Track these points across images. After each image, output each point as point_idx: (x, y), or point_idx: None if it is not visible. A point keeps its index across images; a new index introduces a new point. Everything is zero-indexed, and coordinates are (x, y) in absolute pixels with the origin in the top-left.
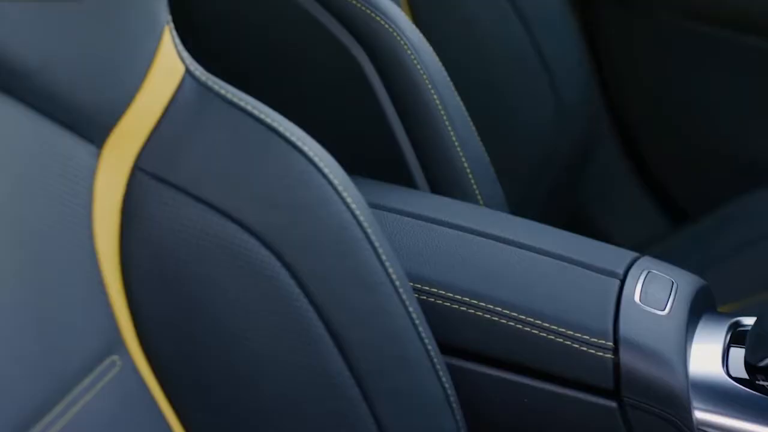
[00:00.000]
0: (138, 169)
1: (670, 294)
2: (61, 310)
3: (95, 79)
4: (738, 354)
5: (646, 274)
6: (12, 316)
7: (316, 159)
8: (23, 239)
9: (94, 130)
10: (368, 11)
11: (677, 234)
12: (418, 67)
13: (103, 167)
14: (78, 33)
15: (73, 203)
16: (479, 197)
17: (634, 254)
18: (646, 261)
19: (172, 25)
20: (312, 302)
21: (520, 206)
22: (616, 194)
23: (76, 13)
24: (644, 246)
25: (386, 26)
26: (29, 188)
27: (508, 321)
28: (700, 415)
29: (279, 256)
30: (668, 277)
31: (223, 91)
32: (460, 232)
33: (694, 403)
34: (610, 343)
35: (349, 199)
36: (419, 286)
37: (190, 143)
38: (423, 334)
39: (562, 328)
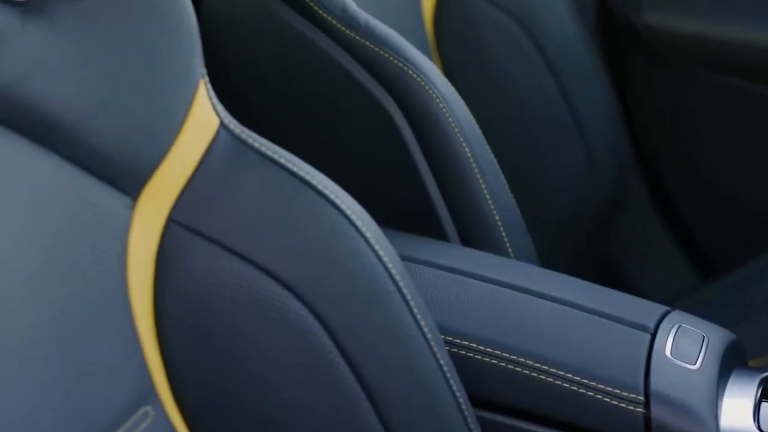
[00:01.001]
0: (172, 221)
1: (701, 348)
2: (95, 360)
3: (131, 132)
4: None
5: (677, 328)
6: (47, 365)
7: (348, 212)
8: (58, 289)
9: (130, 182)
10: (400, 64)
11: (707, 287)
12: (450, 119)
13: (137, 219)
14: (115, 86)
15: (107, 255)
16: (510, 250)
17: (665, 308)
18: (676, 315)
19: (207, 78)
20: (343, 354)
21: (550, 258)
22: (646, 246)
23: (113, 66)
24: (674, 298)
25: (418, 79)
26: (65, 239)
27: (539, 374)
28: None
29: (311, 308)
30: (699, 331)
31: (257, 144)
32: (492, 285)
33: None
34: (641, 397)
35: (381, 252)
36: (450, 338)
37: (224, 196)
38: (454, 387)
39: (593, 381)
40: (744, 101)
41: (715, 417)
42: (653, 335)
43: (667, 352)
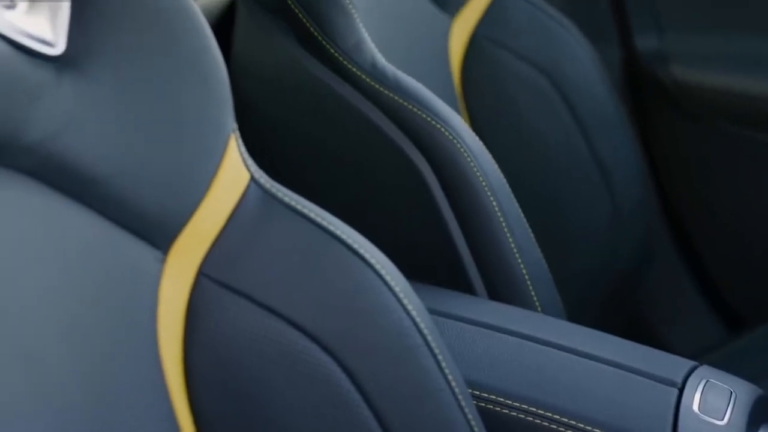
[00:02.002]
0: (202, 274)
1: (728, 404)
2: (124, 412)
3: (163, 186)
4: None
5: (705, 384)
6: (77, 417)
7: (377, 266)
8: (89, 342)
9: (161, 235)
10: (428, 117)
11: (735, 342)
12: (477, 173)
13: (168, 272)
14: (147, 141)
15: (138, 308)
16: (537, 304)
17: (693, 363)
18: (704, 370)
19: (237, 133)
20: (371, 407)
21: (577, 311)
22: (673, 300)
23: (146, 120)
24: (701, 353)
25: (446, 133)
26: (96, 292)
27: (566, 429)
28: None
29: (339, 362)
30: (727, 386)
31: (286, 199)
32: (519, 339)
33: None
34: None
35: (409, 306)
36: (478, 392)
37: (254, 249)
38: None
39: None
40: None
41: None
42: (681, 390)
43: (695, 407)
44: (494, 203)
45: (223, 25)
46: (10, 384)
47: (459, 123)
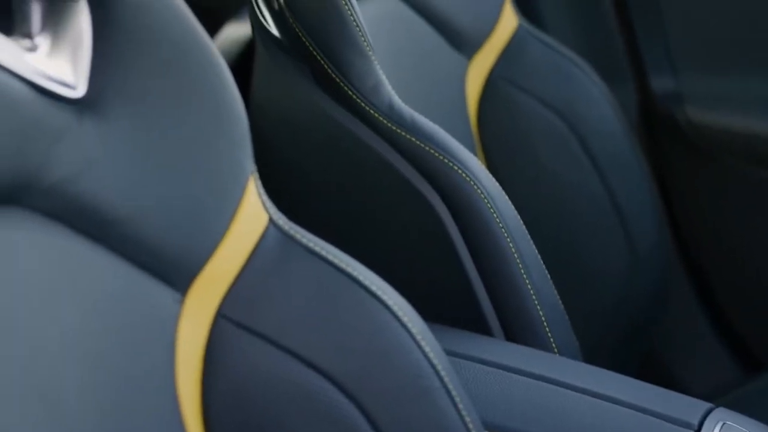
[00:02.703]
0: (221, 316)
1: None
2: None
3: (181, 227)
4: None
5: (721, 426)
6: None
7: (395, 308)
8: (107, 381)
9: (179, 276)
10: (445, 159)
11: (751, 383)
12: (494, 215)
13: (186, 313)
14: (167, 182)
15: (156, 348)
16: (554, 345)
17: (709, 405)
18: (720, 412)
19: (257, 174)
20: None
21: (593, 351)
22: (690, 340)
23: (166, 162)
24: (718, 394)
25: (463, 175)
26: (115, 332)
27: None
28: None
29: (357, 403)
30: (743, 428)
31: (305, 240)
32: (536, 381)
33: None
34: None
35: (426, 348)
36: None
37: (273, 291)
38: None
39: None
40: None
41: None
42: None
43: None
44: (511, 245)
45: (241, 64)
46: (29, 423)
47: (476, 164)
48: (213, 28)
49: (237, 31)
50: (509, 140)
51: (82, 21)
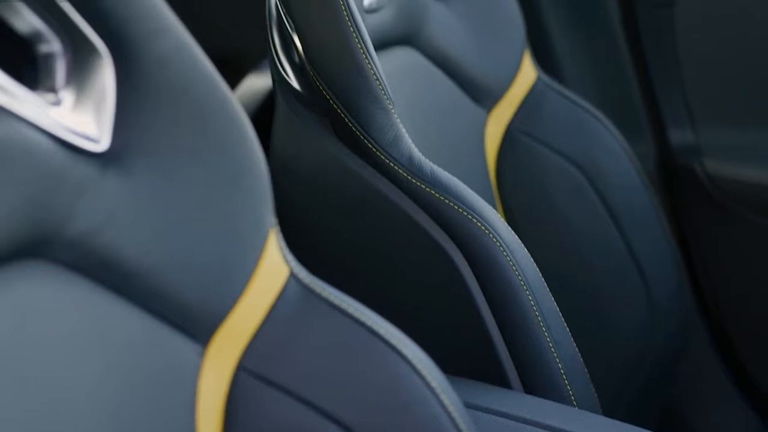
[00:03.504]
0: (241, 368)
1: None
2: None
3: (203, 280)
4: None
5: None
6: None
7: (414, 361)
8: None
9: (200, 329)
10: (463, 211)
11: None
12: (513, 267)
13: (207, 366)
14: (189, 236)
15: (177, 400)
16: (573, 397)
17: None
18: None
19: (278, 227)
20: None
21: (612, 403)
22: (709, 392)
23: (188, 216)
24: None
25: (482, 227)
26: (136, 384)
27: None
28: None
29: None
30: None
31: (325, 293)
32: None
33: None
34: None
35: (446, 401)
36: None
37: (294, 344)
38: None
39: None
40: None
41: None
42: None
43: None
44: (530, 298)
45: (262, 116)
46: None
47: (495, 217)
48: (234, 80)
49: (257, 82)
50: (528, 192)
51: (106, 75)
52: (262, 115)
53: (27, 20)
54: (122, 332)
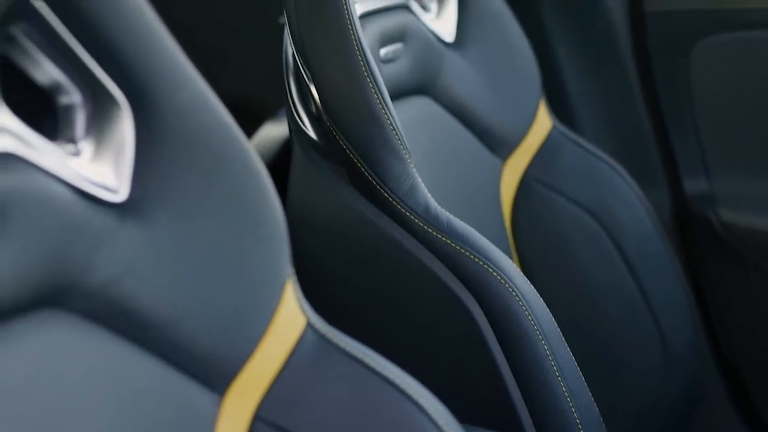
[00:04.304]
0: (258, 418)
1: None
2: None
3: (220, 330)
4: None
5: None
6: None
7: (430, 411)
8: None
9: (217, 378)
10: (479, 261)
11: None
12: (529, 317)
13: (224, 415)
14: (207, 286)
15: None
16: None
17: None
18: None
19: (294, 277)
20: None
21: None
22: None
23: (206, 266)
24: None
25: (498, 277)
26: None
27: None
28: None
29: None
30: None
31: (342, 344)
32: None
33: None
34: None
35: None
36: None
37: (310, 394)
38: None
39: None
40: None
41: None
42: None
43: None
44: (546, 348)
45: (278, 164)
46: None
47: (510, 266)
48: (250, 128)
49: (274, 131)
50: (543, 241)
51: (126, 126)
52: (279, 163)
53: (47, 72)
54: (138, 381)
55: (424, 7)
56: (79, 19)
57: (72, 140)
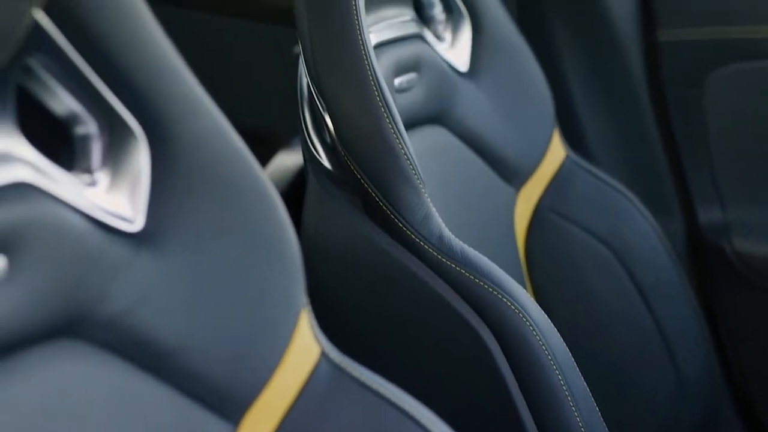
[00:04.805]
0: None
1: None
2: None
3: (233, 359)
4: None
5: None
6: None
7: None
8: None
9: (231, 408)
10: (494, 291)
11: None
12: (544, 348)
13: None
14: (221, 315)
15: None
16: None
17: None
18: None
19: (309, 306)
20: None
21: None
22: None
23: (220, 295)
24: None
25: (512, 307)
26: None
27: None
28: None
29: None
30: None
31: (356, 373)
32: None
33: None
34: None
35: None
36: None
37: (325, 424)
38: None
39: None
40: None
41: None
42: None
43: None
44: (560, 378)
45: (292, 193)
46: None
47: (524, 296)
48: (265, 156)
49: (288, 160)
50: (557, 270)
51: (141, 156)
52: (293, 192)
53: (64, 102)
54: (153, 410)
55: (439, 37)
56: (96, 50)
57: (88, 170)
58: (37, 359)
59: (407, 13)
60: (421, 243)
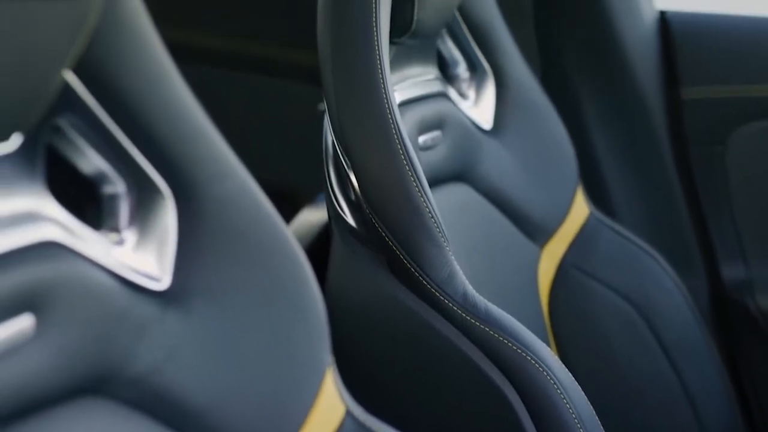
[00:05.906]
0: None
1: None
2: None
3: (260, 419)
4: None
5: None
6: None
7: None
8: None
9: None
10: (518, 350)
11: None
12: (568, 406)
13: None
14: (247, 374)
15: None
16: None
17: None
18: None
19: (334, 365)
20: None
21: None
22: None
23: (246, 354)
24: None
25: (536, 364)
26: None
27: None
28: None
29: None
30: None
31: None
32: None
33: None
34: None
35: None
36: None
37: None
38: None
39: None
40: None
41: None
42: None
43: None
44: None
45: (317, 249)
46: None
47: (549, 354)
48: (289, 213)
49: (313, 216)
50: (581, 327)
51: (169, 216)
52: (317, 248)
53: (92, 162)
54: None
55: (462, 95)
56: (124, 111)
57: (116, 229)
58: (64, 417)
59: (431, 72)
60: (446, 301)
